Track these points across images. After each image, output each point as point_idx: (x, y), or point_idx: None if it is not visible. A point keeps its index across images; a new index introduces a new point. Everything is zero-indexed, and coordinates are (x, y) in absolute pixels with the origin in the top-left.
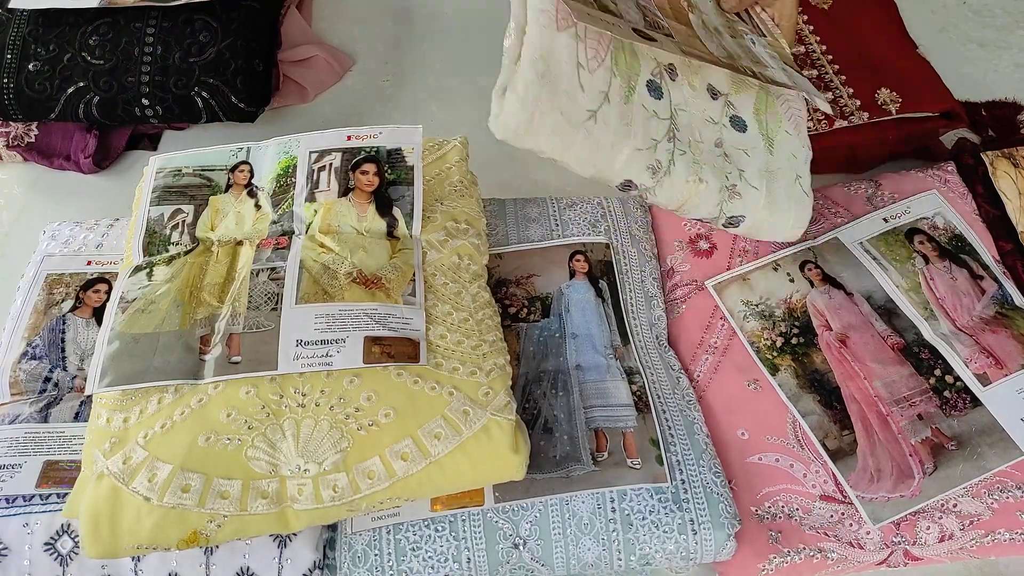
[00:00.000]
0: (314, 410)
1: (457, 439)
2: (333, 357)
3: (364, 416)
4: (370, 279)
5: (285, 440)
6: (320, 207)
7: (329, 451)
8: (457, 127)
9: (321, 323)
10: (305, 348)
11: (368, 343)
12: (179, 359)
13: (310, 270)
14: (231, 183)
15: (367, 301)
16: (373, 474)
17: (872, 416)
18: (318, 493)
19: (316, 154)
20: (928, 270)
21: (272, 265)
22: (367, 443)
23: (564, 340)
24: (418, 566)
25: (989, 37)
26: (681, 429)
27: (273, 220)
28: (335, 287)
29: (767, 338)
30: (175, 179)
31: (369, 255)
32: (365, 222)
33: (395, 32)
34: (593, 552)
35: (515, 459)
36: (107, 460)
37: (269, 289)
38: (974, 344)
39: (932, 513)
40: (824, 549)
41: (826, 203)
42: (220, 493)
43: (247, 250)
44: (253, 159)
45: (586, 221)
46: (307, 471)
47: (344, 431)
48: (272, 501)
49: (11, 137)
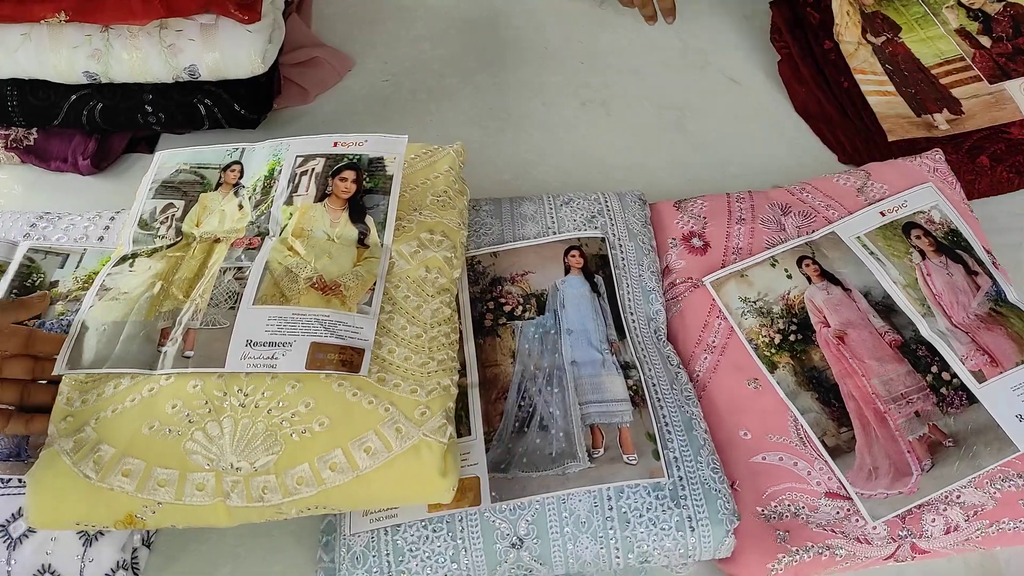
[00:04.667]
0: (253, 411)
1: (386, 455)
2: (278, 360)
3: (300, 422)
4: (328, 285)
5: (223, 437)
6: (296, 211)
7: (262, 453)
8: (457, 127)
9: (273, 325)
10: (253, 349)
11: (313, 349)
12: (139, 349)
13: (273, 272)
14: (221, 181)
15: (321, 307)
16: (302, 480)
17: (870, 413)
18: (249, 492)
19: (302, 158)
20: (925, 266)
21: (239, 264)
22: (299, 449)
23: (559, 336)
24: (416, 567)
25: None
26: (679, 424)
27: (251, 220)
28: (293, 290)
29: (765, 335)
30: (172, 174)
31: (333, 261)
32: (337, 228)
33: (395, 32)
34: (591, 550)
35: (442, 482)
36: (60, 437)
37: (231, 288)
38: (970, 341)
39: (937, 505)
40: (832, 546)
41: (816, 196)
42: (158, 481)
43: (222, 248)
44: (245, 160)
45: (582, 217)
46: (239, 469)
47: (278, 435)
48: (207, 494)
49: (10, 139)
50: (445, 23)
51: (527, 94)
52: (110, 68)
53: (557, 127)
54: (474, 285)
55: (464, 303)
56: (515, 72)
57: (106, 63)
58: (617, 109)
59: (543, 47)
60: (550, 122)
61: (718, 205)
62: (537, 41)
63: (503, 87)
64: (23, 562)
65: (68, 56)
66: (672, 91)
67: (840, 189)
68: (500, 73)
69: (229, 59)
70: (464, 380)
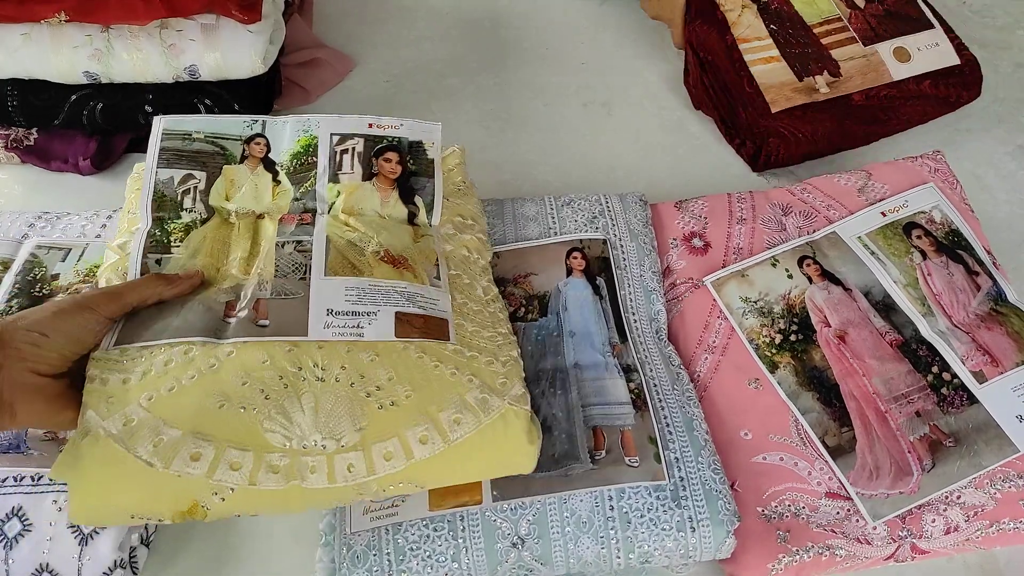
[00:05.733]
0: (333, 385)
1: (476, 424)
2: (364, 328)
3: (384, 395)
4: (397, 258)
5: (303, 413)
6: (343, 188)
7: (348, 427)
8: (458, 127)
9: (352, 295)
10: (336, 318)
11: (398, 318)
12: (201, 319)
13: (337, 245)
14: (246, 155)
15: (396, 279)
16: (391, 455)
17: (871, 413)
18: (332, 471)
19: (338, 137)
20: (925, 266)
21: (298, 238)
22: (387, 422)
23: (562, 338)
24: (417, 566)
25: (990, 37)
26: (680, 426)
27: (295, 197)
28: (363, 263)
29: (766, 335)
30: (185, 143)
31: (393, 237)
32: (388, 208)
33: (396, 33)
34: (592, 551)
35: (530, 449)
36: (104, 421)
37: (296, 259)
38: (970, 341)
39: (937, 506)
40: (832, 546)
41: (817, 196)
42: (231, 464)
43: (268, 224)
44: (269, 133)
45: (583, 218)
46: (324, 447)
47: (364, 409)
48: (283, 476)
49: (10, 140)
50: (446, 24)
51: (528, 95)
52: (111, 68)
53: (558, 128)
54: None
55: None
56: (516, 73)
57: (107, 63)
58: (618, 110)
59: (544, 48)
60: (551, 123)
61: (719, 205)
62: (538, 42)
63: (504, 88)
64: (21, 561)
65: (69, 56)
66: (672, 91)
67: (841, 189)
68: (501, 74)
69: (230, 59)
70: None
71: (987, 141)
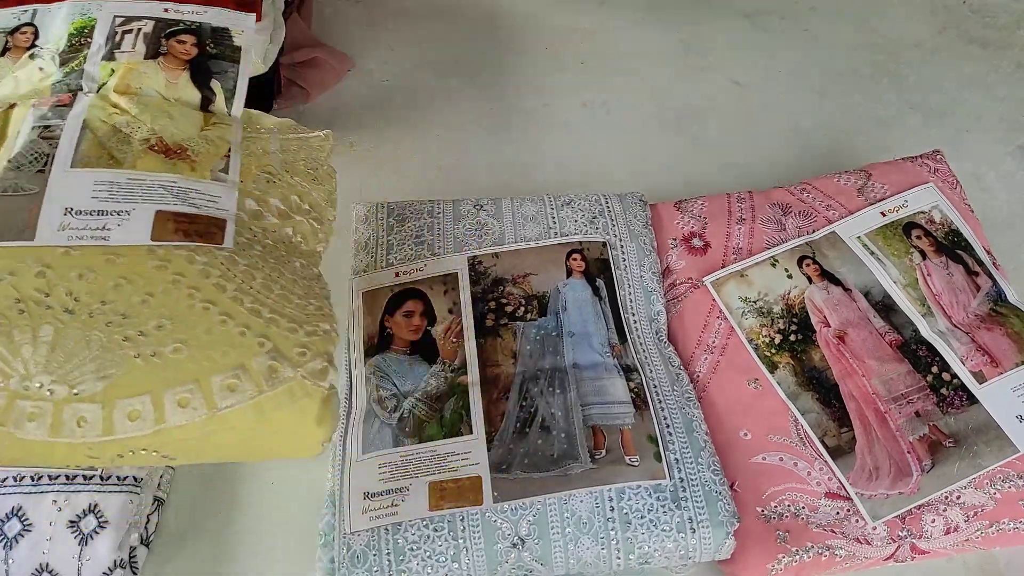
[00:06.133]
0: (85, 320)
1: (254, 394)
2: (111, 231)
3: (147, 343)
4: (172, 148)
5: (34, 347)
6: (120, 67)
7: (90, 374)
8: (457, 127)
9: (102, 190)
10: (76, 218)
11: (161, 218)
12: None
13: (96, 131)
14: (8, 46)
15: (165, 172)
16: (137, 414)
17: (870, 413)
18: (57, 423)
19: (122, 19)
20: (925, 266)
21: (47, 123)
22: (142, 375)
23: (561, 338)
24: (417, 566)
25: (990, 37)
26: (680, 426)
27: (58, 80)
28: (125, 152)
29: (765, 335)
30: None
31: (174, 123)
32: (175, 90)
33: (396, 32)
34: (592, 551)
35: (316, 432)
36: None
37: (38, 148)
38: (970, 342)
39: (936, 506)
40: (832, 546)
41: (816, 195)
42: None
43: (20, 111)
44: (39, 21)
45: (583, 218)
46: (51, 392)
47: (116, 355)
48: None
49: None
50: (446, 24)
51: (528, 95)
52: None
53: (558, 128)
54: (475, 285)
55: (465, 301)
56: (516, 73)
57: None
58: (618, 110)
59: (544, 48)
60: (551, 123)
61: (718, 205)
62: (538, 42)
63: (504, 88)
64: (20, 561)
65: None
66: (672, 92)
67: (840, 189)
68: (501, 74)
69: None
70: (464, 378)
71: (987, 141)
